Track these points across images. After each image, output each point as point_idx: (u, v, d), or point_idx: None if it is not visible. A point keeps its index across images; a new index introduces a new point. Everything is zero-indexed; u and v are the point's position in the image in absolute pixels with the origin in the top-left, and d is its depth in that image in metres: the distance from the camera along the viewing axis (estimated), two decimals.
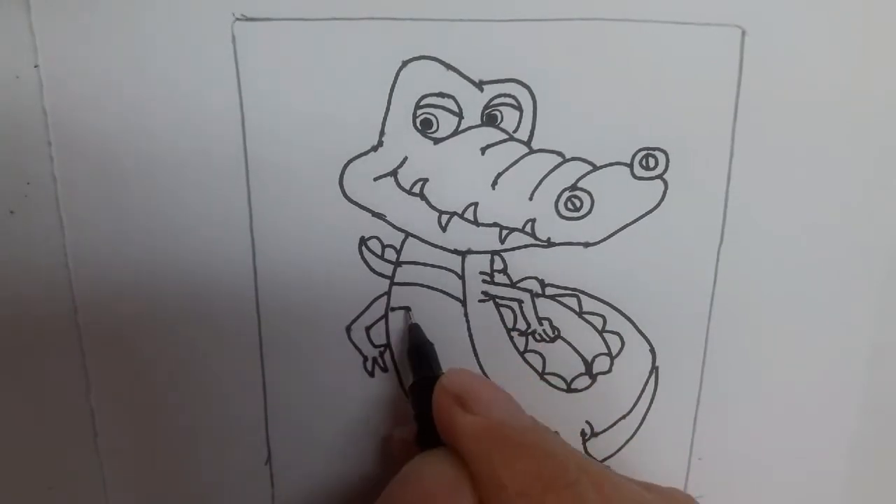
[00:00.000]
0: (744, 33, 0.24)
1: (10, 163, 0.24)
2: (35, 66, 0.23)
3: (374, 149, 0.25)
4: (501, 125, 0.25)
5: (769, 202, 0.26)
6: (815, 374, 0.27)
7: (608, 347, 0.27)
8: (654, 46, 0.24)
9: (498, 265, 0.26)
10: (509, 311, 0.27)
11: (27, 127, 0.24)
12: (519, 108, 0.24)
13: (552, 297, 0.26)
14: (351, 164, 0.25)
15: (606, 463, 0.28)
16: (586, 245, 0.26)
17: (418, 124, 0.24)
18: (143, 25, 0.23)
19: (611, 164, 0.25)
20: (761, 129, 0.25)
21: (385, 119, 0.24)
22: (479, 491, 0.20)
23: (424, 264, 0.26)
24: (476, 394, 0.22)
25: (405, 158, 0.25)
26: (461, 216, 0.25)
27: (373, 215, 0.25)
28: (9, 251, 0.25)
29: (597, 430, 0.28)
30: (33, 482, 0.27)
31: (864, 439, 0.28)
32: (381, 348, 0.27)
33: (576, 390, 0.27)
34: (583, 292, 0.26)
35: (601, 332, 0.27)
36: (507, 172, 0.25)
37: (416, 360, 0.25)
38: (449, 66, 0.24)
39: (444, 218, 0.25)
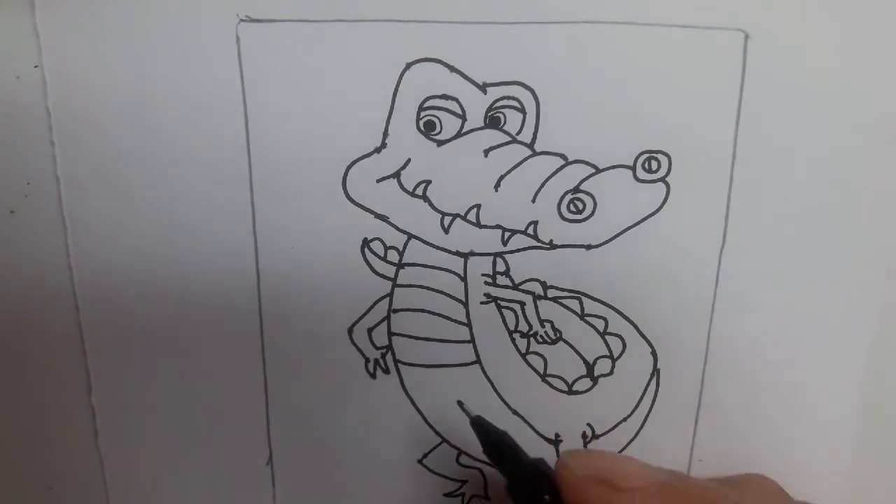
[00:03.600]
0: (747, 37, 0.24)
1: (11, 163, 0.24)
2: (35, 67, 0.23)
3: (378, 150, 0.25)
4: (504, 127, 0.25)
5: (771, 206, 0.26)
6: (817, 377, 0.27)
7: (610, 350, 0.27)
8: (658, 49, 0.24)
9: (500, 267, 0.26)
10: (511, 313, 0.27)
11: (28, 127, 0.24)
12: (522, 110, 0.24)
13: (554, 300, 0.26)
14: (354, 166, 0.25)
15: None
16: (588, 247, 0.26)
17: (421, 126, 0.24)
18: (146, 26, 0.23)
19: (613, 167, 0.25)
20: (764, 132, 0.25)
21: (388, 121, 0.24)
22: None
23: (427, 266, 0.26)
24: (620, 470, 0.21)
25: (408, 160, 0.25)
26: (464, 218, 0.25)
27: (375, 217, 0.25)
28: (9, 251, 0.25)
29: (598, 432, 0.28)
30: (34, 482, 0.27)
31: (865, 441, 0.28)
32: (383, 350, 0.27)
33: (577, 392, 0.27)
34: (585, 294, 0.26)
35: (603, 335, 0.27)
36: (509, 174, 0.25)
37: (502, 456, 0.23)
38: (452, 69, 0.24)
39: (447, 220, 0.25)
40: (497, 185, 0.25)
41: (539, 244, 0.26)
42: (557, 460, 0.22)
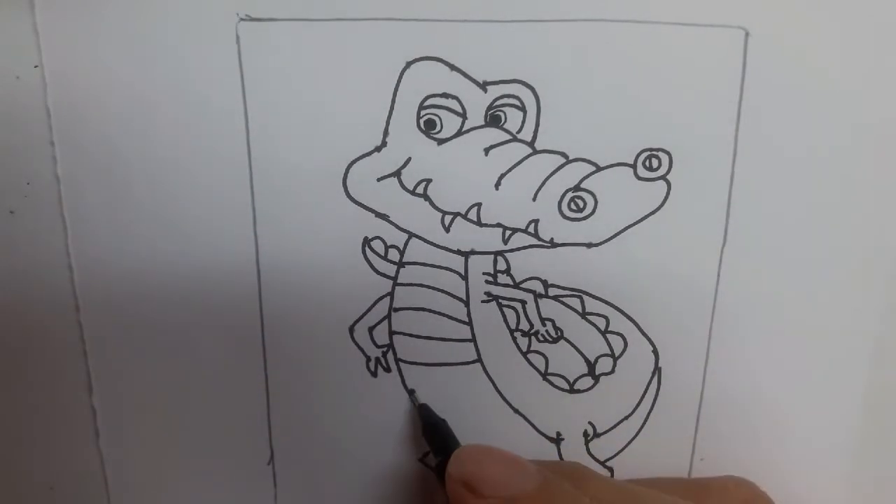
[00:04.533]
0: (747, 35, 0.24)
1: (11, 163, 0.24)
2: (35, 67, 0.23)
3: (378, 149, 0.25)
4: (505, 126, 0.25)
5: (772, 203, 0.26)
6: (818, 376, 0.27)
7: (611, 348, 0.27)
8: (658, 47, 0.24)
9: (501, 266, 0.26)
10: (512, 312, 0.27)
11: (28, 127, 0.24)
12: (522, 108, 0.24)
13: (555, 298, 0.26)
14: (354, 165, 0.25)
15: (609, 464, 0.28)
16: (589, 246, 0.26)
17: (422, 125, 0.24)
18: (147, 25, 0.23)
19: (614, 165, 0.25)
20: (764, 130, 0.25)
21: (389, 119, 0.24)
22: None
23: (428, 265, 0.26)
24: (481, 475, 0.22)
25: (409, 159, 0.25)
26: (464, 217, 0.25)
27: (376, 216, 0.25)
28: (9, 251, 0.25)
29: (599, 430, 0.28)
30: (35, 482, 0.27)
31: (866, 441, 0.28)
32: (384, 348, 0.27)
33: (578, 391, 0.27)
34: (586, 293, 0.26)
35: (604, 333, 0.27)
36: (510, 173, 0.25)
37: (435, 441, 0.26)
38: (453, 67, 0.24)
39: (448, 218, 0.25)
40: (498, 184, 0.25)
41: (540, 242, 0.26)
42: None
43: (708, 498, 0.25)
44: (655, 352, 0.27)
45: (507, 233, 0.26)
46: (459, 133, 0.25)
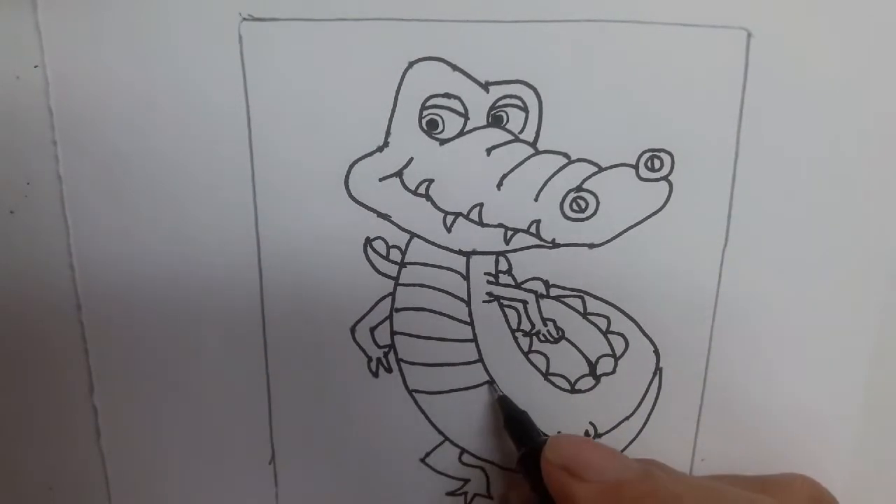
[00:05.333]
0: (749, 35, 0.24)
1: (12, 163, 0.24)
2: (35, 67, 0.23)
3: (380, 149, 0.25)
4: (507, 126, 0.25)
5: (774, 204, 0.26)
6: (818, 376, 0.27)
7: (612, 348, 0.27)
8: (660, 48, 0.24)
9: (503, 266, 0.26)
10: (514, 312, 0.27)
11: (30, 127, 0.24)
12: (525, 109, 0.24)
13: (557, 298, 0.26)
14: (356, 165, 0.25)
15: None
16: (591, 246, 0.26)
17: (424, 125, 0.24)
18: (149, 25, 0.23)
19: (616, 166, 0.25)
20: (766, 131, 0.25)
21: (391, 120, 0.24)
22: None
23: (429, 265, 0.26)
24: (583, 460, 0.22)
25: (411, 159, 0.25)
26: (466, 217, 0.25)
27: (378, 216, 0.25)
28: (10, 251, 0.25)
29: (600, 430, 0.28)
30: (35, 482, 0.27)
31: (866, 441, 0.28)
32: (386, 349, 0.27)
33: (580, 391, 0.27)
34: (587, 293, 0.26)
35: (605, 334, 0.27)
36: (512, 173, 0.25)
37: (517, 432, 0.26)
38: (455, 67, 0.24)
39: (450, 219, 0.25)
40: (499, 184, 0.25)
41: (541, 243, 0.26)
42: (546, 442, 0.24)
43: (775, 495, 0.25)
44: (657, 352, 0.27)
45: (509, 233, 0.26)
46: (461, 133, 0.25)
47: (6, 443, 0.27)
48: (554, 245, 0.26)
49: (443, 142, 0.25)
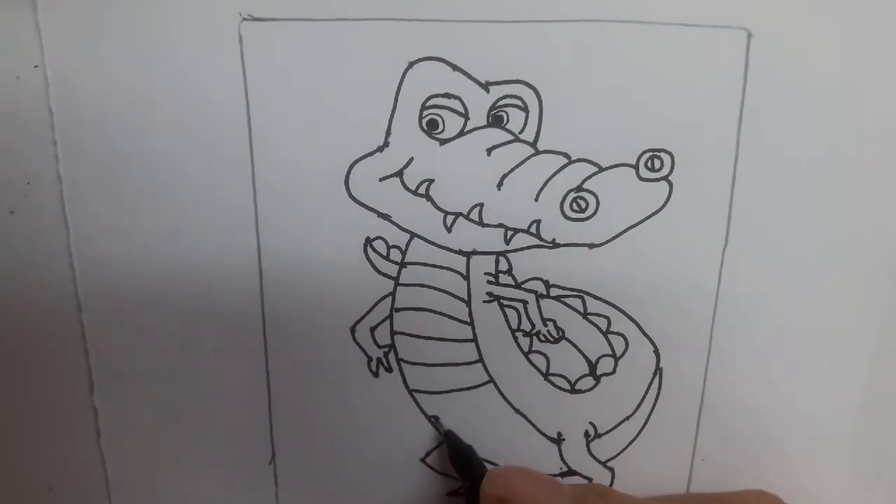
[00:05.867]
0: (749, 36, 0.24)
1: (12, 163, 0.24)
2: (35, 67, 0.23)
3: (380, 149, 0.25)
4: (507, 126, 0.25)
5: (774, 205, 0.26)
6: (819, 377, 0.27)
7: (612, 349, 0.27)
8: (660, 48, 0.24)
9: (503, 266, 0.26)
10: (514, 312, 0.27)
11: (29, 127, 0.24)
12: (525, 109, 0.24)
13: (557, 298, 0.26)
14: (357, 165, 0.25)
15: (610, 464, 0.28)
16: (591, 246, 0.26)
17: (424, 125, 0.24)
18: (149, 25, 0.23)
19: (616, 166, 0.25)
20: (766, 131, 0.25)
21: (391, 120, 0.24)
22: None
23: (429, 265, 0.26)
24: (518, 493, 0.23)
25: (411, 159, 0.25)
26: (466, 217, 0.25)
27: (378, 216, 0.25)
28: (10, 251, 0.25)
29: (600, 431, 0.28)
30: (35, 482, 0.27)
31: (866, 441, 0.28)
32: (386, 349, 0.27)
33: (580, 391, 0.27)
34: (587, 293, 0.26)
35: (605, 334, 0.27)
36: (512, 173, 0.25)
37: (461, 466, 0.26)
38: (455, 67, 0.24)
39: (450, 219, 0.25)
40: (500, 184, 0.25)
41: (542, 243, 0.26)
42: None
43: None
44: (657, 352, 0.27)
45: (509, 233, 0.26)
46: (462, 133, 0.25)
47: (6, 443, 0.27)
48: (554, 245, 0.26)
49: (443, 142, 0.25)
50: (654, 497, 0.27)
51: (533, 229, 0.26)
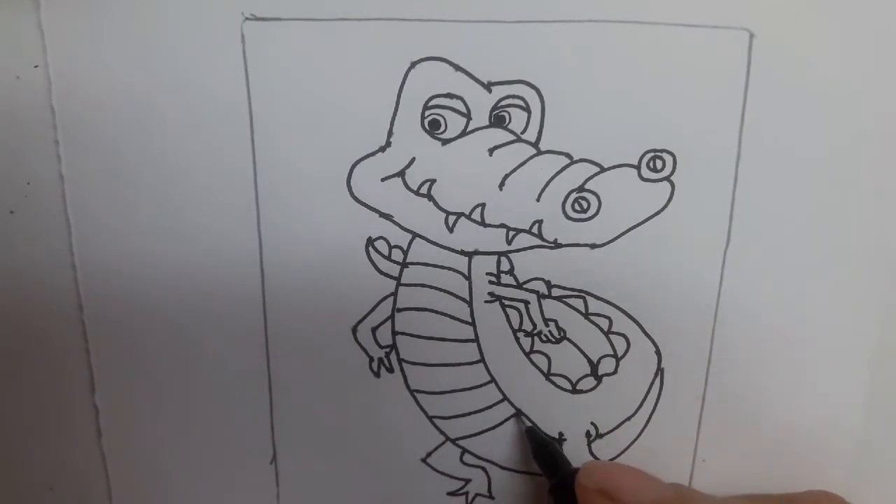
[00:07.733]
0: (752, 36, 0.24)
1: (13, 162, 0.24)
2: (37, 66, 0.23)
3: (382, 149, 0.25)
4: (509, 126, 0.25)
5: (775, 205, 0.26)
6: (820, 377, 0.28)
7: (614, 349, 0.27)
8: (663, 49, 0.24)
9: (504, 266, 0.26)
10: (515, 312, 0.27)
11: (31, 126, 0.24)
12: (527, 109, 0.24)
13: (558, 299, 0.26)
14: (359, 165, 0.25)
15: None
16: (593, 246, 0.26)
17: (426, 125, 0.24)
18: (152, 25, 0.23)
19: (618, 166, 0.25)
20: (768, 131, 0.25)
21: (393, 120, 0.24)
22: None
23: (431, 265, 0.26)
24: (619, 484, 0.23)
25: (413, 159, 0.25)
26: (468, 217, 0.25)
27: (380, 216, 0.25)
28: (11, 251, 0.25)
29: (602, 431, 0.28)
30: (36, 482, 0.27)
31: (867, 440, 0.28)
32: (387, 349, 0.27)
33: (581, 391, 0.27)
34: (589, 294, 0.26)
35: (607, 334, 0.27)
36: (514, 173, 0.25)
37: (548, 462, 0.26)
38: (457, 67, 0.24)
39: (452, 219, 0.25)
40: (502, 184, 0.25)
41: (543, 243, 0.26)
42: (579, 471, 0.24)
43: None
44: (658, 352, 0.27)
45: (511, 233, 0.26)
46: (464, 133, 0.25)
47: (6, 443, 0.27)
48: (556, 245, 0.26)
49: (445, 142, 0.25)
50: (728, 497, 0.27)
51: (535, 229, 0.26)
